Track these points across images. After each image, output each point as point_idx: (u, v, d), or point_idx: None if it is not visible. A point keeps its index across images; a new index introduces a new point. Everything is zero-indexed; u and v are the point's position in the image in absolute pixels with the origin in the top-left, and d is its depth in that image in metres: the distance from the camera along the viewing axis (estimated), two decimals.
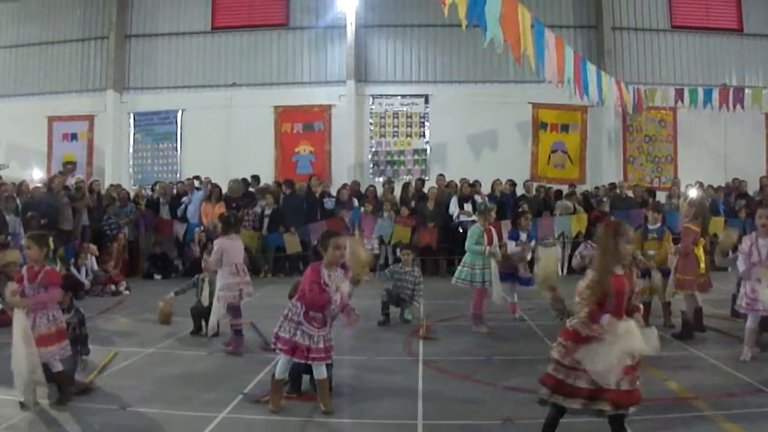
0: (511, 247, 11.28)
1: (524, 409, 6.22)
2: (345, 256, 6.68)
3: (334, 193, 19.28)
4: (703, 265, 9.99)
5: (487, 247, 10.47)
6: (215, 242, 9.49)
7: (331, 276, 6.51)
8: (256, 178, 19.82)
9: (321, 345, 6.40)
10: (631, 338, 4.97)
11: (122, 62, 22.83)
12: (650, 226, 10.84)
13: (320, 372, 6.45)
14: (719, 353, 8.63)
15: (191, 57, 22.77)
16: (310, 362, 6.41)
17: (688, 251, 9.97)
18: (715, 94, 20.17)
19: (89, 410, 6.46)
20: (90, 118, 22.88)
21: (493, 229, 10.83)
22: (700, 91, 20.32)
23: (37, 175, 20.38)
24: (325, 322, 6.48)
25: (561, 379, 5.10)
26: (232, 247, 9.15)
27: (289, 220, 18.03)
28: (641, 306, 5.29)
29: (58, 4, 23.35)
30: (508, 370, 8.01)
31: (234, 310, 9.09)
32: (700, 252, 10.02)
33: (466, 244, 10.74)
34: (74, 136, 22.96)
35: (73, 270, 14.44)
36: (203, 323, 9.98)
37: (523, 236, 11.42)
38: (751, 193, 20.02)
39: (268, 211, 18.39)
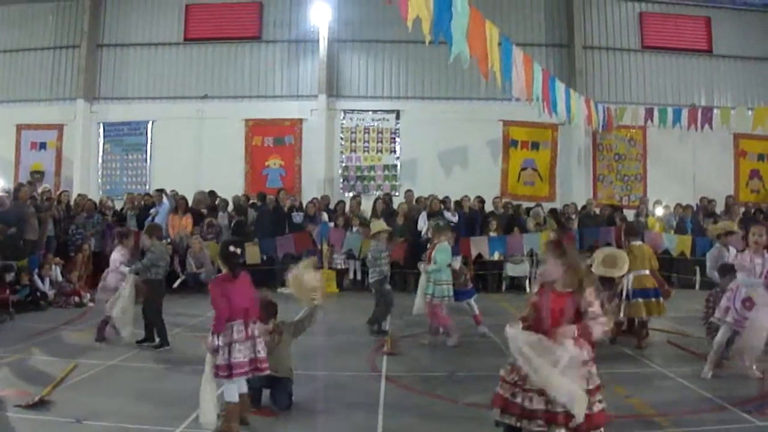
0: (456, 262, 11.45)
1: (484, 427, 6.13)
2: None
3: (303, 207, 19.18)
4: None
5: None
6: None
7: None
8: (213, 194, 19.59)
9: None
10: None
11: (93, 72, 22.66)
12: None
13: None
14: (683, 370, 8.66)
15: (162, 68, 22.65)
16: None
17: None
18: (685, 114, 20.35)
19: (44, 423, 6.36)
20: (59, 128, 22.64)
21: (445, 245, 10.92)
22: (670, 111, 20.51)
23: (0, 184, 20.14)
24: None
25: (507, 397, 5.06)
26: None
27: (258, 232, 17.96)
28: (588, 325, 5.06)
29: (30, 11, 23.15)
30: (470, 386, 7.98)
31: None
32: None
33: None
34: (43, 145, 22.71)
35: (36, 279, 14.27)
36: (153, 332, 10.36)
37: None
38: (718, 212, 20.18)
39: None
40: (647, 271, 10.51)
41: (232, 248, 6.49)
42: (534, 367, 4.87)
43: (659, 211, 20.02)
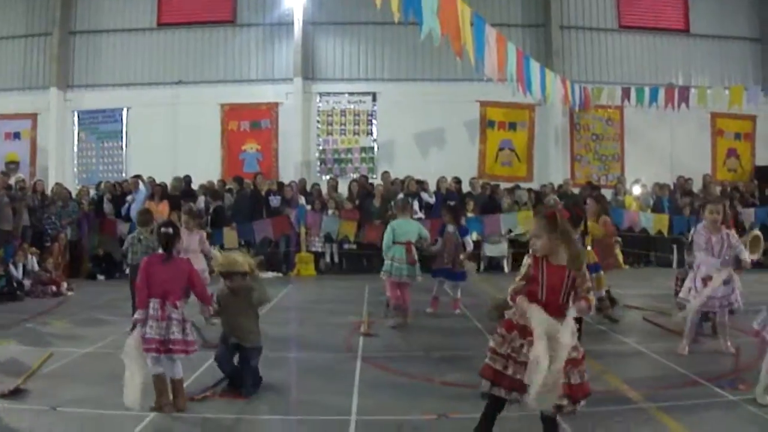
0: (440, 242, 11.54)
1: (460, 404, 6.24)
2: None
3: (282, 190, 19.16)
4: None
5: None
6: None
7: None
8: (188, 179, 19.53)
9: None
10: (533, 320, 4.91)
11: (66, 59, 22.41)
12: None
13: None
14: (658, 346, 8.69)
15: (137, 54, 22.46)
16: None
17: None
18: (661, 94, 20.45)
19: (18, 411, 6.26)
20: (33, 117, 22.44)
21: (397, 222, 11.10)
22: (647, 91, 20.60)
23: None
24: None
25: (499, 369, 5.01)
26: None
27: (236, 217, 17.96)
28: (590, 299, 5.09)
29: (0, 0, 22.85)
30: (446, 365, 7.98)
31: None
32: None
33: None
34: (17, 135, 22.51)
35: (12, 269, 14.15)
36: None
37: (450, 228, 11.51)
38: (695, 190, 20.32)
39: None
40: (587, 247, 10.45)
41: (163, 229, 6.63)
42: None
43: (636, 190, 20.14)
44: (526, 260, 5.21)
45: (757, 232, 8.87)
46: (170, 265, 6.47)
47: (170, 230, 6.62)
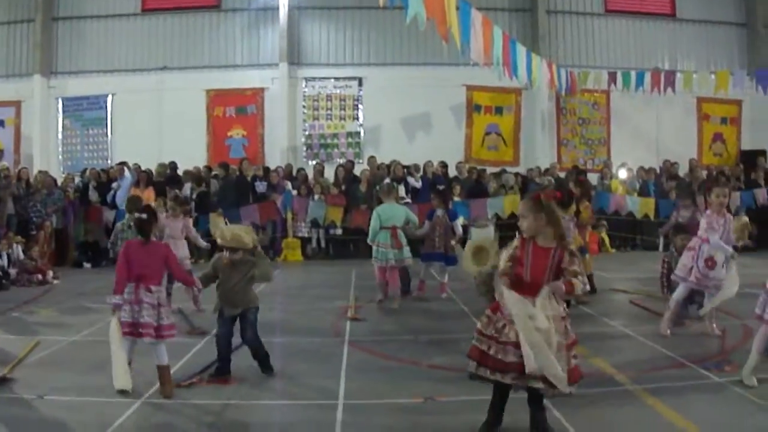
0: (426, 225, 11.57)
1: (447, 387, 6.26)
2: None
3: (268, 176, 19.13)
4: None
5: None
6: None
7: None
8: (173, 165, 19.54)
9: None
10: (509, 306, 4.93)
11: (49, 46, 22.17)
12: None
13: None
14: (645, 329, 8.71)
15: (121, 40, 22.22)
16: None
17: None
18: (648, 78, 20.45)
19: (4, 400, 6.24)
20: (17, 104, 22.21)
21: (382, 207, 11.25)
22: (633, 75, 20.58)
23: None
24: None
25: (483, 350, 5.03)
26: None
27: (222, 203, 17.92)
28: (574, 283, 5.08)
29: None
30: (433, 349, 8.01)
31: None
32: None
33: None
34: (1, 123, 22.30)
35: None
36: None
37: (439, 212, 11.55)
38: (681, 174, 20.38)
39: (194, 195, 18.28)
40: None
41: (136, 215, 6.68)
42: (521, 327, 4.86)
43: (623, 174, 20.20)
44: (515, 241, 5.24)
45: (745, 218, 8.89)
46: (148, 249, 6.51)
47: (143, 216, 6.64)
